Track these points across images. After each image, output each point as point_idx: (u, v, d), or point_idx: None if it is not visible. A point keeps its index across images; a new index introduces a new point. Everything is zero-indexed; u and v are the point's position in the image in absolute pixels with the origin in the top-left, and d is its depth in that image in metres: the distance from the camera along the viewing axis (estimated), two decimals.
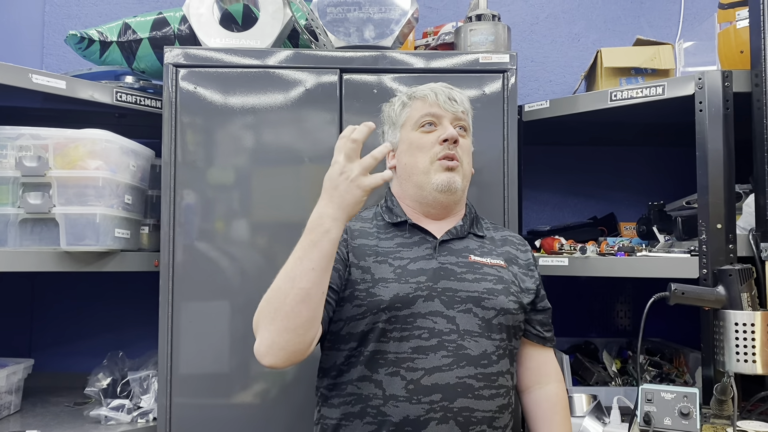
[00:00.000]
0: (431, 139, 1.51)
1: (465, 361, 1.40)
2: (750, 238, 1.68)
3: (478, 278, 1.47)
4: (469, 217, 1.59)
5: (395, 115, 1.59)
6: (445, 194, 1.50)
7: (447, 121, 1.53)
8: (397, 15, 1.90)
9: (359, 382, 1.40)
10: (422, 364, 1.38)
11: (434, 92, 1.54)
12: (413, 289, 1.42)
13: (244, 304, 1.76)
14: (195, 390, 1.75)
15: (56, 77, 1.79)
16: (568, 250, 1.98)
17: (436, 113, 1.53)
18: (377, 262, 1.46)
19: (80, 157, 1.70)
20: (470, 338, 1.42)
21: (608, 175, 2.56)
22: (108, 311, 2.40)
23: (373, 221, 1.57)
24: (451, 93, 1.55)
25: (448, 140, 1.49)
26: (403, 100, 1.59)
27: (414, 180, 1.53)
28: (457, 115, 1.54)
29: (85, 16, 2.52)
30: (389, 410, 1.37)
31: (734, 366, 1.55)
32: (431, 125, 1.53)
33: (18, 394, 1.87)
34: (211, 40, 1.92)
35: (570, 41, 2.61)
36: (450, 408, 1.37)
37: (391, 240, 1.51)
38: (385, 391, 1.38)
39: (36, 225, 1.70)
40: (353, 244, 1.49)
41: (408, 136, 1.55)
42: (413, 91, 1.59)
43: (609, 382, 2.06)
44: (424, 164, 1.51)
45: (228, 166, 1.80)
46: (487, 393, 1.41)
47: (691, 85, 1.75)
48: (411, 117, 1.55)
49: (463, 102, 1.57)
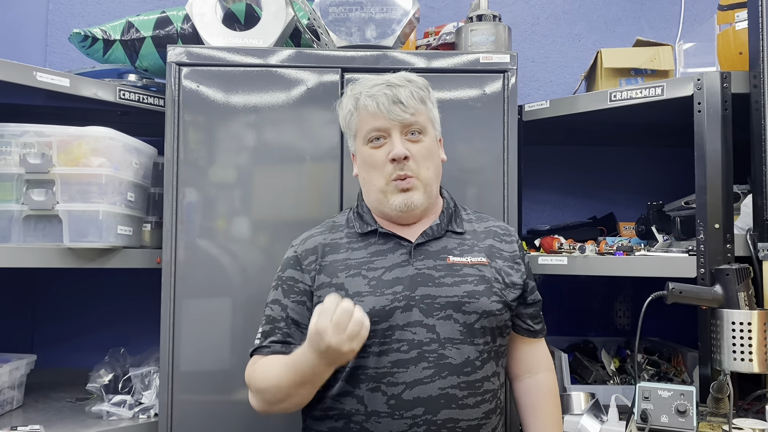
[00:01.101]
0: (381, 156, 1.44)
1: (447, 371, 1.37)
2: (747, 238, 1.69)
3: (457, 281, 1.42)
4: (447, 213, 1.53)
5: (346, 125, 1.53)
6: (406, 213, 1.45)
7: (396, 133, 1.44)
8: (398, 15, 1.91)
9: (341, 397, 1.39)
10: (403, 378, 1.35)
11: (375, 100, 1.43)
12: (389, 301, 1.39)
13: (245, 301, 1.77)
14: (196, 386, 1.76)
15: (60, 75, 1.80)
16: (568, 249, 1.99)
17: (381, 127, 1.44)
18: (350, 276, 1.42)
19: (84, 154, 1.70)
20: (451, 346, 1.38)
21: (607, 175, 2.58)
22: (109, 308, 2.42)
23: (344, 229, 1.52)
24: (396, 94, 1.43)
25: (396, 160, 1.42)
26: (349, 109, 1.49)
27: (373, 196, 1.48)
28: (406, 122, 1.43)
29: (88, 14, 2.54)
30: (372, 426, 1.35)
31: (731, 364, 1.56)
32: (380, 139, 1.45)
33: (20, 390, 1.88)
34: (214, 39, 1.93)
35: (570, 42, 2.62)
36: (434, 421, 1.35)
37: (364, 249, 1.47)
38: (367, 407, 1.36)
39: (39, 221, 1.71)
40: (323, 263, 1.46)
41: (360, 149, 1.49)
42: (357, 94, 1.48)
43: (607, 380, 2.07)
44: (379, 184, 1.45)
45: (230, 165, 1.81)
46: (471, 401, 1.38)
47: (690, 86, 1.76)
48: (360, 129, 1.48)
49: (411, 100, 1.43)
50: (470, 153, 1.82)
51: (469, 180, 1.83)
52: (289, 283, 1.47)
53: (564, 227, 2.29)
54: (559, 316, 1.65)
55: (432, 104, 1.52)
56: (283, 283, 1.48)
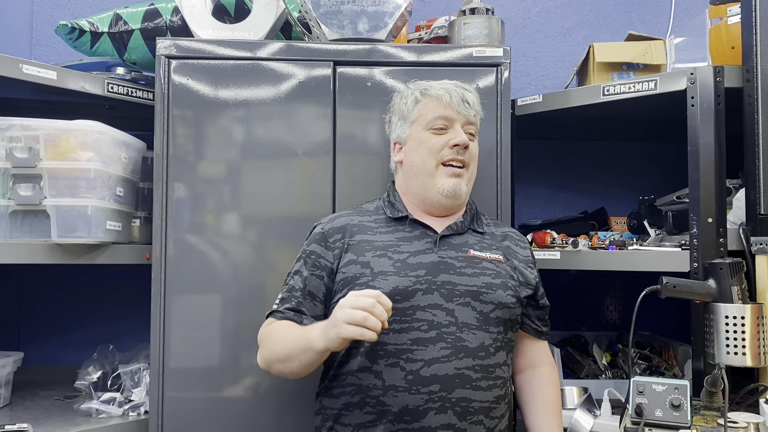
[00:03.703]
0: (441, 141, 1.53)
1: (463, 353, 1.42)
2: (740, 233, 1.69)
3: (477, 273, 1.50)
4: (470, 213, 1.62)
5: (407, 110, 1.59)
6: (449, 199, 1.53)
7: (459, 125, 1.54)
8: (390, 8, 1.90)
9: (359, 372, 1.43)
10: (421, 355, 1.41)
11: (449, 93, 1.54)
12: (412, 282, 1.45)
13: (235, 297, 1.75)
14: (187, 383, 1.74)
15: (47, 68, 1.77)
16: (560, 244, 1.99)
17: (449, 116, 1.54)
18: (376, 256, 1.49)
19: (72, 148, 1.68)
20: (468, 331, 1.44)
21: (599, 169, 2.58)
22: (98, 304, 2.39)
23: (373, 215, 1.59)
24: (465, 95, 1.55)
25: (458, 145, 1.51)
26: (416, 96, 1.58)
27: (419, 180, 1.55)
28: (469, 119, 1.56)
29: (74, 6, 2.50)
30: (389, 400, 1.40)
31: (724, 358, 1.57)
32: (443, 128, 1.54)
33: (7, 388, 1.86)
34: (204, 32, 1.90)
35: (562, 36, 2.62)
36: (448, 398, 1.40)
37: (392, 234, 1.54)
38: (385, 382, 1.40)
39: (26, 217, 1.68)
40: (351, 242, 1.52)
41: (418, 134, 1.56)
42: (426, 87, 1.58)
43: (599, 375, 2.07)
44: (431, 166, 1.53)
45: (221, 160, 1.79)
46: (484, 384, 1.44)
47: (684, 81, 1.76)
48: (423, 115, 1.56)
49: (476, 105, 1.57)
50: None
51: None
52: (312, 257, 1.54)
53: (555, 222, 2.29)
54: (550, 311, 1.66)
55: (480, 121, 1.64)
56: (307, 256, 1.55)
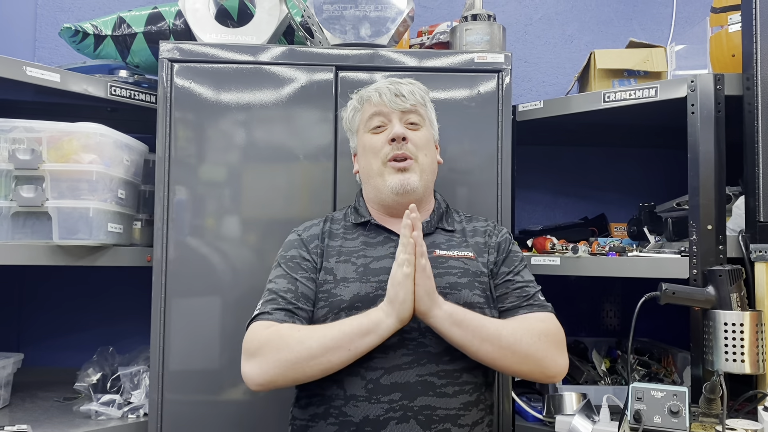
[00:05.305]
0: (381, 139, 1.50)
1: (426, 359, 1.38)
2: (740, 240, 1.69)
3: (441, 273, 1.44)
4: (438, 212, 1.57)
5: (349, 121, 1.60)
6: (401, 196, 1.48)
7: (396, 119, 1.51)
8: (393, 13, 1.91)
9: (323, 382, 1.39)
10: (382, 363, 1.37)
11: (379, 92, 1.52)
12: (374, 288, 1.42)
13: (235, 300, 1.76)
14: (186, 386, 1.74)
15: (50, 70, 1.78)
16: (560, 249, 2.00)
17: (382, 112, 1.52)
18: (340, 262, 1.47)
19: (74, 150, 1.68)
20: (431, 335, 1.39)
21: (599, 175, 2.58)
22: (98, 306, 2.39)
23: (341, 222, 1.58)
24: (399, 88, 1.52)
25: (395, 139, 1.48)
26: (354, 105, 1.58)
27: (372, 183, 1.53)
28: (407, 110, 1.51)
29: (78, 9, 2.51)
30: (350, 410, 1.37)
31: (723, 365, 1.57)
32: (380, 126, 1.52)
33: (7, 389, 1.86)
34: (207, 36, 1.91)
35: (563, 42, 2.63)
36: (410, 407, 1.35)
37: (356, 240, 1.52)
38: (346, 391, 1.38)
39: (28, 218, 1.69)
40: (325, 249, 1.51)
41: (362, 139, 1.55)
42: (362, 93, 1.58)
43: (598, 381, 2.07)
44: (377, 166, 1.50)
45: (223, 163, 1.79)
46: (450, 390, 1.39)
47: (684, 88, 1.76)
48: (362, 120, 1.56)
49: (413, 94, 1.53)
50: (464, 153, 1.82)
51: (463, 180, 1.82)
52: (296, 261, 1.49)
53: (555, 227, 2.29)
54: None
55: (431, 109, 1.60)
56: (289, 261, 1.50)
